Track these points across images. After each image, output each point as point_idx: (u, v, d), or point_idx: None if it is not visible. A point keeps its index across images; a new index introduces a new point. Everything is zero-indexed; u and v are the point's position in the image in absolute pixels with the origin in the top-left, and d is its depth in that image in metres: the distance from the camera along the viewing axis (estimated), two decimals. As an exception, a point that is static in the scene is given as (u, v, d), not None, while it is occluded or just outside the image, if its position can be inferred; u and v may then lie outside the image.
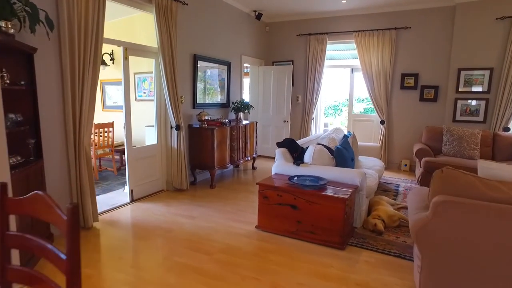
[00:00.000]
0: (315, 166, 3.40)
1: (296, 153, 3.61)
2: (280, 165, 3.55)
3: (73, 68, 2.96)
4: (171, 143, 4.46)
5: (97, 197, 4.21)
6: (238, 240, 3.01)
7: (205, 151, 4.65)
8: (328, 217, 2.86)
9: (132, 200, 4.10)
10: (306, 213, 2.96)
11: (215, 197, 4.28)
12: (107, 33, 3.49)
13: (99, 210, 3.70)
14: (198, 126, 4.72)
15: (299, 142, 4.05)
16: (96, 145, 5.18)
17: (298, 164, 3.43)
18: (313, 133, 6.83)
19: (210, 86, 5.28)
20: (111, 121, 5.56)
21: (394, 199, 4.23)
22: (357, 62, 6.21)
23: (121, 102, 6.62)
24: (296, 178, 3.19)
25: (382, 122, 5.98)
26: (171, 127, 4.41)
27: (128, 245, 2.90)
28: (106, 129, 5.40)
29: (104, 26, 3.17)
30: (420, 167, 4.85)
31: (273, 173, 3.58)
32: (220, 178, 5.25)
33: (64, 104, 3.01)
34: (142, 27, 5.25)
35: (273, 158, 6.82)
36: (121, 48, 3.80)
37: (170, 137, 4.46)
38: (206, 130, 4.60)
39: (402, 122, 5.92)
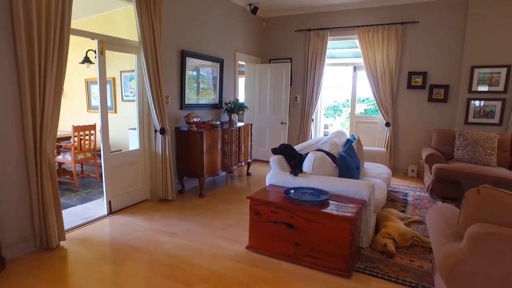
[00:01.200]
0: (315, 176, 2.96)
1: (294, 161, 3.16)
2: (275, 175, 3.10)
3: (32, 61, 2.51)
4: (155, 148, 4.02)
5: (73, 209, 3.81)
6: (224, 265, 2.57)
7: (193, 157, 4.20)
8: (331, 240, 2.42)
9: (110, 212, 3.66)
10: (305, 234, 2.52)
11: (203, 209, 3.84)
12: (84, 28, 3.06)
13: (72, 224, 3.30)
14: (186, 129, 4.27)
15: (297, 147, 3.61)
16: (76, 150, 4.74)
17: (296, 174, 2.99)
18: (313, 136, 6.39)
19: (201, 85, 4.84)
20: (93, 123, 5.11)
21: (403, 211, 3.79)
22: (360, 60, 5.78)
23: (108, 102, 6.20)
24: (293, 191, 2.75)
25: (387, 124, 5.55)
26: (155, 131, 3.96)
27: (95, 272, 2.45)
28: (87, 132, 4.96)
29: (71, 12, 2.72)
30: (430, 174, 4.41)
31: (267, 183, 3.14)
32: (211, 186, 4.81)
33: (21, 104, 2.56)
34: (122, 21, 4.83)
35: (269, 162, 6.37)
36: (95, 42, 3.36)
37: (154, 141, 4.02)
38: (194, 134, 4.16)
39: (409, 124, 5.48)
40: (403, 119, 5.52)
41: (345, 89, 11.22)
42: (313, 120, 6.24)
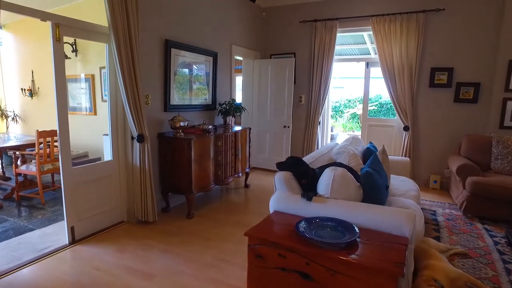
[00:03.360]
0: (335, 201, 2.23)
1: (306, 179, 2.43)
2: (281, 199, 2.36)
3: None
4: (132, 159, 3.28)
5: (28, 235, 3.08)
6: (214, 331, 1.84)
7: (179, 169, 3.46)
8: (365, 300, 1.68)
9: (73, 241, 2.91)
10: (326, 289, 1.78)
11: (191, 235, 3.09)
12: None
13: (20, 260, 2.62)
14: (172, 135, 3.54)
15: (306, 159, 2.88)
16: (42, 159, 4.00)
17: (309, 198, 2.26)
18: (320, 141, 5.66)
19: (190, 83, 4.10)
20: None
21: (438, 238, 3.06)
22: (371, 56, 5.06)
23: (87, 103, 5.47)
24: (306, 224, 2.01)
25: (405, 128, 4.83)
26: (132, 138, 3.23)
27: None
28: (56, 138, 4.20)
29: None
30: (464, 188, 3.69)
31: (271, 210, 2.40)
32: (202, 201, 4.06)
33: None
34: (93, 11, 4.09)
35: (270, 171, 5.65)
36: (49, 24, 2.62)
37: (131, 151, 3.28)
38: (181, 141, 3.42)
39: (431, 129, 4.76)
40: (424, 123, 4.79)
41: (348, 88, 10.58)
42: (319, 123, 5.52)
